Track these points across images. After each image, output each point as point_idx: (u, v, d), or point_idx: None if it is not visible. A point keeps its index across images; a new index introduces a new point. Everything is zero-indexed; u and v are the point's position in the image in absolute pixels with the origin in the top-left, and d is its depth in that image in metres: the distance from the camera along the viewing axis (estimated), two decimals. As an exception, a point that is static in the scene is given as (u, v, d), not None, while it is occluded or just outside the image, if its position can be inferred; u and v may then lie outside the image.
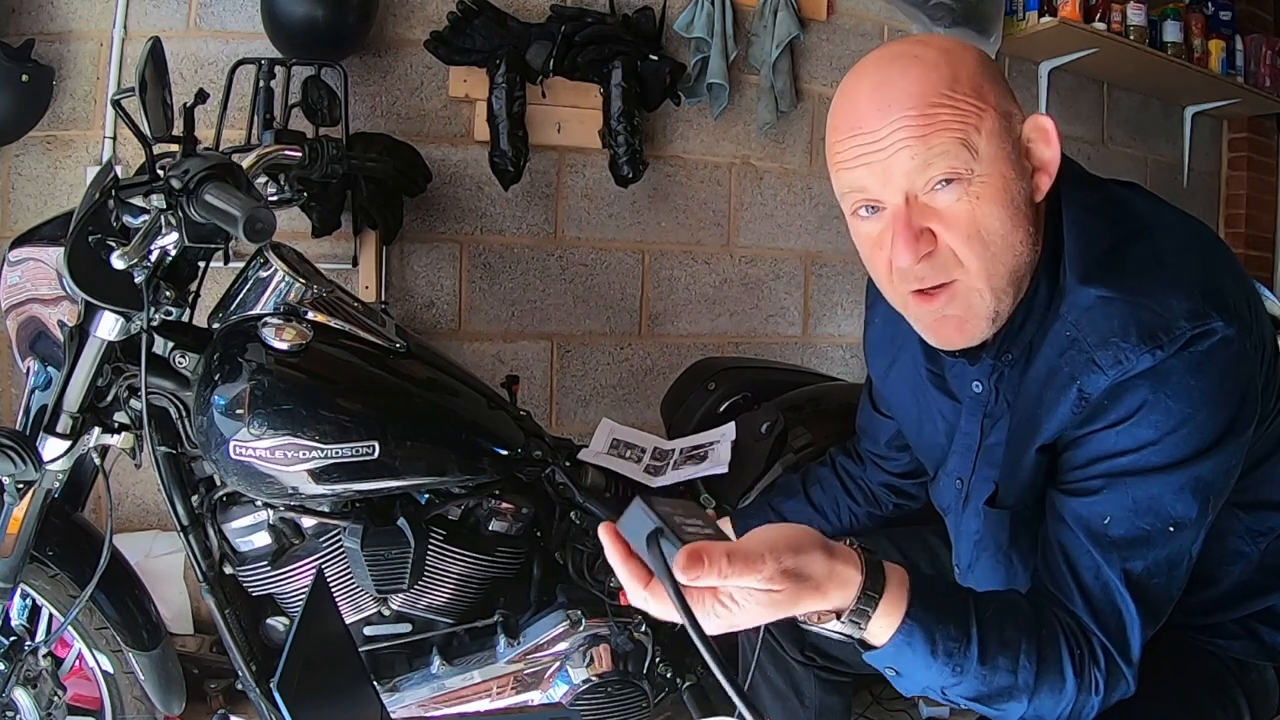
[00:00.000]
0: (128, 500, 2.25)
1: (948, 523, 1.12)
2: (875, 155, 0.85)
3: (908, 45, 0.89)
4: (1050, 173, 0.89)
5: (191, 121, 1.29)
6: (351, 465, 1.37)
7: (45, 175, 2.22)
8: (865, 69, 0.89)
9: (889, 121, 0.84)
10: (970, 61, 0.87)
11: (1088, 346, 0.85)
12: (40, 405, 1.35)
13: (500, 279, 2.55)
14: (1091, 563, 0.85)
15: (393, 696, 1.52)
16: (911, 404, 1.14)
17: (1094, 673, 0.83)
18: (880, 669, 0.84)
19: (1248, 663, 1.02)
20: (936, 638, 0.80)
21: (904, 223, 0.86)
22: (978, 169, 0.85)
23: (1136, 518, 0.84)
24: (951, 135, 0.84)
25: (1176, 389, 0.82)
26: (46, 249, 1.39)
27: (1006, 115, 0.87)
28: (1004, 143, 0.86)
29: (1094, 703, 0.84)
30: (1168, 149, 3.69)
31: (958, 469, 1.05)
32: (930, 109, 0.84)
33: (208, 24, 2.28)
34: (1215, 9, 3.39)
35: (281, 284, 1.42)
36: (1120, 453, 0.85)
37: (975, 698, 0.83)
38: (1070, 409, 0.87)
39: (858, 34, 2.95)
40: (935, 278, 0.89)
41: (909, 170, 0.85)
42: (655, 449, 1.78)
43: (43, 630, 1.51)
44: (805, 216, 2.92)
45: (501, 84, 2.33)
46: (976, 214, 0.85)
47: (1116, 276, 0.86)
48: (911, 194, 0.86)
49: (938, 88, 0.84)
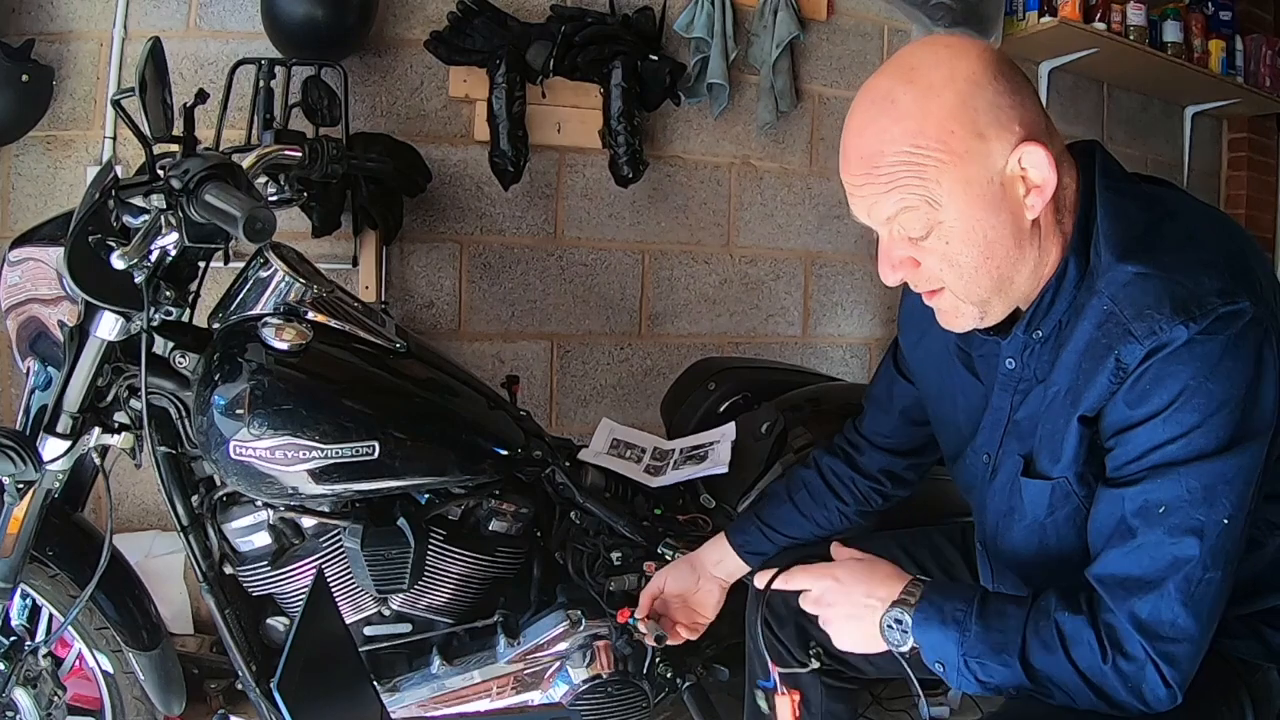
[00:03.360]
0: (128, 500, 2.25)
1: (972, 500, 1.16)
2: (856, 200, 0.96)
3: (891, 80, 0.93)
4: (1045, 194, 0.92)
5: (191, 121, 1.28)
6: (351, 465, 1.37)
7: (45, 175, 2.22)
8: (859, 102, 0.95)
9: (861, 173, 0.93)
10: (947, 102, 0.89)
11: (1124, 319, 0.89)
12: (40, 405, 1.34)
13: (500, 279, 2.55)
14: (1140, 553, 0.88)
15: (393, 696, 1.52)
16: (936, 379, 1.19)
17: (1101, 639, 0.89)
18: (931, 666, 0.99)
19: (1252, 664, 1.02)
20: (945, 609, 0.97)
21: (884, 252, 0.98)
22: (943, 218, 0.91)
23: (1191, 508, 0.87)
24: (911, 192, 0.91)
25: (1215, 372, 0.86)
26: (46, 249, 1.39)
27: (980, 156, 0.90)
28: (971, 185, 0.90)
29: (1108, 672, 0.88)
30: (1168, 149, 3.69)
31: (985, 444, 1.09)
32: (891, 168, 0.91)
33: (208, 24, 2.28)
34: (1215, 9, 3.39)
35: (281, 284, 1.42)
36: (1169, 440, 0.88)
37: (986, 657, 0.94)
38: (1109, 378, 0.91)
39: (858, 34, 2.95)
40: (923, 286, 0.99)
41: (881, 218, 0.95)
42: (655, 449, 1.78)
43: (43, 630, 1.50)
44: (805, 216, 2.92)
45: (501, 84, 2.33)
46: (948, 251, 0.94)
47: (1151, 254, 0.90)
48: (891, 230, 0.96)
49: (899, 145, 0.90)
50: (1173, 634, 0.87)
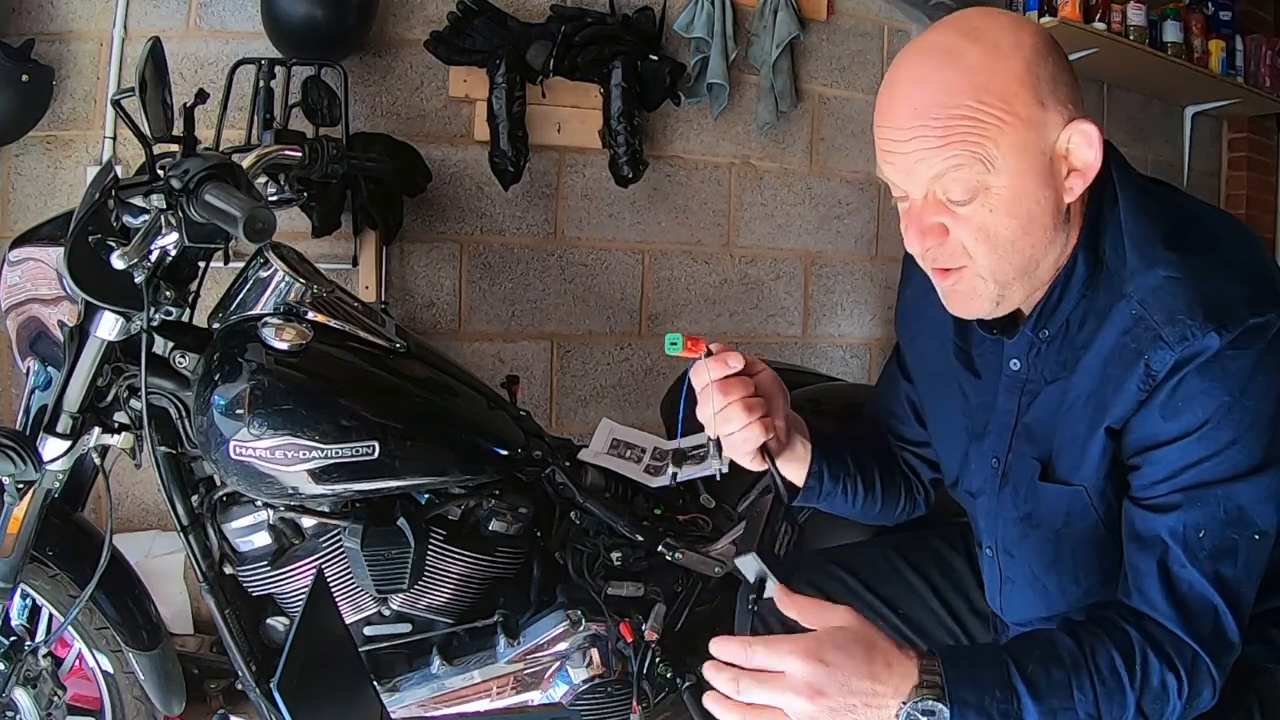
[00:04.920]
0: (128, 500, 2.25)
1: (978, 506, 1.12)
2: (899, 156, 0.90)
3: (955, 36, 0.89)
4: (1088, 176, 0.90)
5: (191, 121, 1.28)
6: (351, 465, 1.37)
7: (45, 175, 2.22)
8: (911, 55, 0.91)
9: (913, 125, 0.87)
10: (1014, 65, 0.87)
11: (1155, 324, 0.87)
12: (40, 405, 1.35)
13: (500, 279, 2.55)
14: (1188, 575, 0.87)
15: (393, 696, 1.52)
16: (933, 379, 1.16)
17: (1167, 678, 0.85)
18: None
19: (1260, 666, 1.01)
20: (987, 705, 0.81)
21: (915, 217, 0.92)
22: (994, 182, 0.87)
23: (1227, 529, 0.87)
24: (968, 149, 0.86)
25: (1249, 389, 0.86)
26: (46, 249, 1.39)
27: (1038, 125, 0.88)
28: (1027, 154, 0.88)
29: (1173, 706, 0.85)
30: (1168, 149, 3.69)
31: (993, 448, 1.06)
32: (951, 120, 0.86)
33: (208, 24, 2.28)
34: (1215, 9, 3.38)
35: (281, 284, 1.42)
36: (1204, 458, 0.87)
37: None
38: (1137, 385, 0.89)
39: (858, 34, 2.95)
40: (945, 262, 0.94)
41: (926, 177, 0.89)
42: (655, 449, 1.78)
43: (43, 630, 1.50)
44: (805, 216, 2.92)
45: (501, 84, 2.33)
46: (989, 221, 0.89)
47: (1180, 257, 0.89)
48: (931, 193, 0.90)
49: (963, 97, 0.86)
50: (1229, 649, 0.88)
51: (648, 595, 1.63)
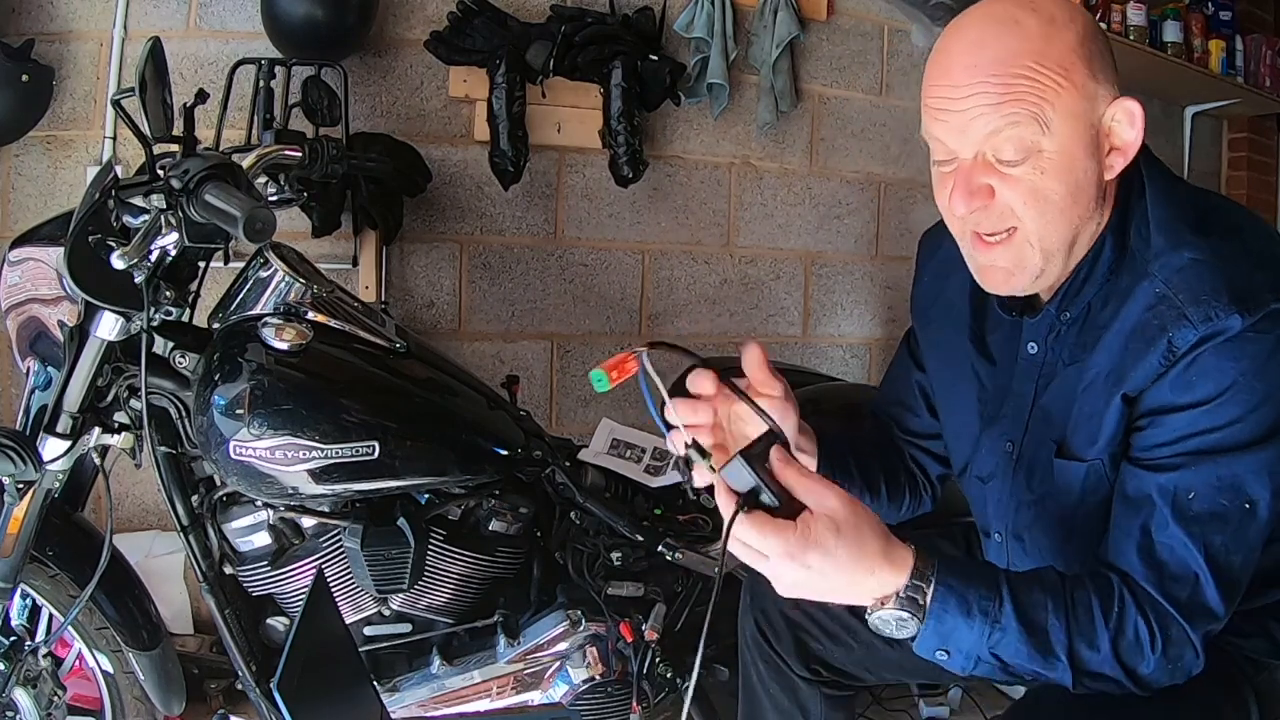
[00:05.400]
0: (128, 500, 2.25)
1: (988, 491, 1.12)
2: (953, 114, 0.91)
3: (1012, 7, 0.92)
4: (1128, 155, 0.93)
5: (191, 121, 1.28)
6: (351, 465, 1.37)
7: (45, 175, 2.22)
8: (969, 21, 0.94)
9: (972, 82, 0.89)
10: (1070, 36, 0.90)
11: (1179, 302, 0.89)
12: (40, 405, 1.35)
13: (500, 279, 2.55)
14: (1170, 536, 0.88)
15: (393, 696, 1.52)
16: (946, 365, 1.17)
17: (1140, 627, 0.86)
18: (930, 656, 0.88)
19: (1259, 661, 1.02)
20: (969, 597, 0.86)
21: (964, 176, 0.92)
22: (1046, 145, 0.89)
23: (1217, 494, 0.88)
24: (1026, 107, 0.88)
25: (1263, 372, 0.87)
26: (46, 249, 1.39)
27: (1089, 96, 0.91)
28: (1079, 123, 0.90)
29: (1150, 660, 0.86)
30: (1168, 149, 3.68)
31: (1008, 431, 1.07)
32: (1011, 79, 0.88)
33: (208, 24, 2.27)
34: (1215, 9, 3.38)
35: (281, 284, 1.42)
36: (1208, 430, 0.88)
37: (1022, 654, 0.86)
38: (1159, 359, 0.90)
39: (858, 34, 2.95)
40: (991, 226, 0.94)
41: (982, 133, 0.90)
42: (655, 449, 1.78)
43: (43, 630, 1.50)
44: (805, 216, 2.92)
45: (501, 84, 2.33)
46: (1040, 183, 0.90)
47: (1207, 241, 0.91)
48: (980, 153, 0.92)
49: (1024, 59, 0.88)
50: (1207, 617, 0.88)
51: (648, 595, 1.63)
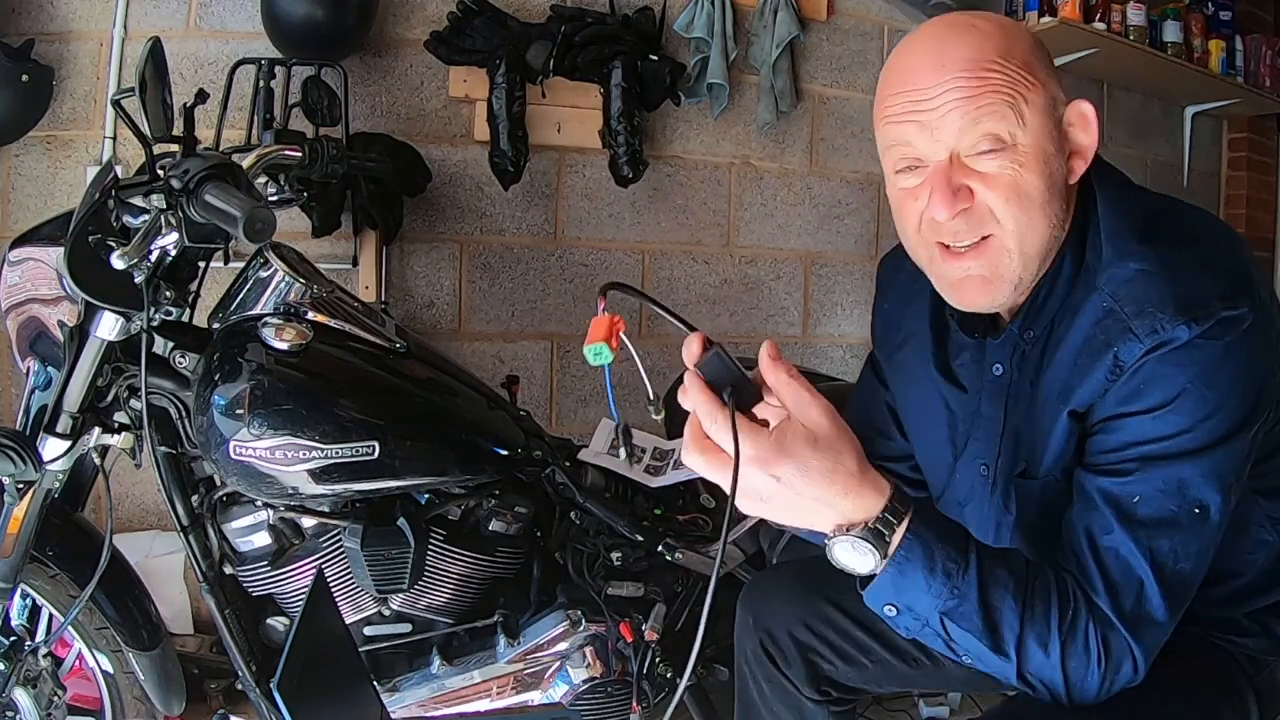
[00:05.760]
0: (128, 500, 2.25)
1: (965, 515, 1.09)
2: (925, 113, 0.88)
3: (966, 16, 0.92)
4: (1086, 158, 0.92)
5: (191, 121, 1.29)
6: (351, 465, 1.37)
7: (45, 175, 2.22)
8: (922, 33, 0.93)
9: (942, 80, 0.87)
10: (1025, 39, 0.91)
11: (1125, 316, 0.87)
12: (40, 405, 1.35)
13: (500, 279, 2.55)
14: (1115, 541, 0.86)
15: (393, 696, 1.52)
16: (913, 393, 1.14)
17: (1091, 639, 0.83)
18: (878, 609, 0.85)
19: (1259, 659, 1.01)
20: (935, 555, 0.81)
21: (944, 177, 0.89)
22: (1022, 138, 0.88)
23: (1165, 499, 0.85)
24: (1001, 98, 0.87)
25: (1212, 378, 0.85)
26: (46, 249, 1.39)
27: (1053, 96, 0.91)
28: (1048, 120, 0.90)
29: (1093, 674, 0.83)
30: (1168, 149, 3.68)
31: (982, 454, 1.05)
32: (983, 72, 0.87)
33: (208, 24, 2.28)
34: (1215, 9, 3.38)
35: (281, 284, 1.42)
36: (1157, 438, 0.86)
37: (973, 630, 0.83)
38: (1105, 375, 0.88)
39: (858, 34, 2.95)
40: (969, 233, 0.90)
41: (956, 129, 0.88)
42: (655, 449, 1.78)
43: (43, 630, 1.50)
44: (805, 216, 2.92)
45: (501, 84, 2.33)
46: (1018, 180, 0.88)
47: (1154, 250, 0.89)
48: (956, 153, 0.89)
49: (991, 55, 0.88)
50: (1152, 626, 0.85)
51: (648, 595, 1.63)
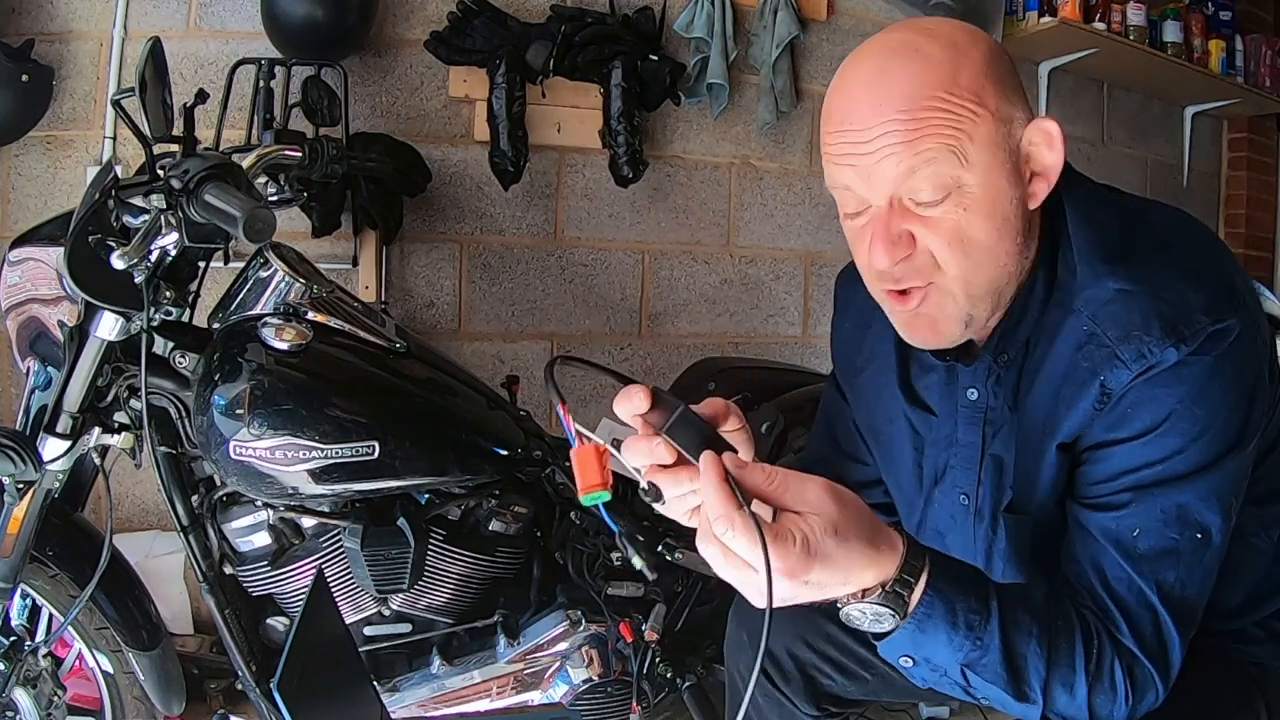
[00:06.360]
0: (128, 500, 2.25)
1: (947, 546, 1.03)
2: (862, 157, 0.83)
3: (913, 34, 0.85)
4: (1050, 180, 0.86)
5: (191, 121, 1.29)
6: (351, 465, 1.37)
7: (45, 175, 2.22)
8: (866, 55, 0.86)
9: (879, 122, 0.81)
10: (976, 59, 0.83)
11: (1109, 341, 0.83)
12: (40, 405, 1.35)
13: (500, 279, 2.55)
14: (1124, 575, 0.83)
15: (393, 696, 1.52)
16: (878, 419, 1.08)
17: (1117, 675, 0.81)
18: (894, 660, 0.81)
19: (1268, 666, 0.99)
20: (957, 609, 0.77)
21: (883, 225, 0.84)
22: (967, 179, 0.82)
23: (1166, 528, 0.82)
24: (941, 141, 0.80)
25: (1201, 396, 0.81)
26: (46, 249, 1.39)
27: (1006, 120, 0.84)
28: (998, 151, 0.83)
29: (1120, 708, 0.82)
30: (1168, 149, 3.69)
31: (960, 483, 1.00)
32: (922, 112, 0.80)
33: (208, 24, 2.28)
34: (1215, 9, 3.39)
35: (281, 284, 1.42)
36: (1148, 464, 0.83)
37: (996, 680, 0.80)
38: (1092, 404, 0.84)
39: (858, 34, 2.95)
40: (910, 280, 0.86)
41: (893, 177, 0.82)
42: (655, 449, 1.78)
43: (43, 630, 1.50)
44: (805, 216, 2.92)
45: (501, 84, 2.33)
46: (962, 224, 0.83)
47: (1130, 267, 0.84)
48: (896, 198, 0.84)
49: (933, 89, 0.81)
50: (1172, 652, 0.84)
51: (648, 595, 1.63)
